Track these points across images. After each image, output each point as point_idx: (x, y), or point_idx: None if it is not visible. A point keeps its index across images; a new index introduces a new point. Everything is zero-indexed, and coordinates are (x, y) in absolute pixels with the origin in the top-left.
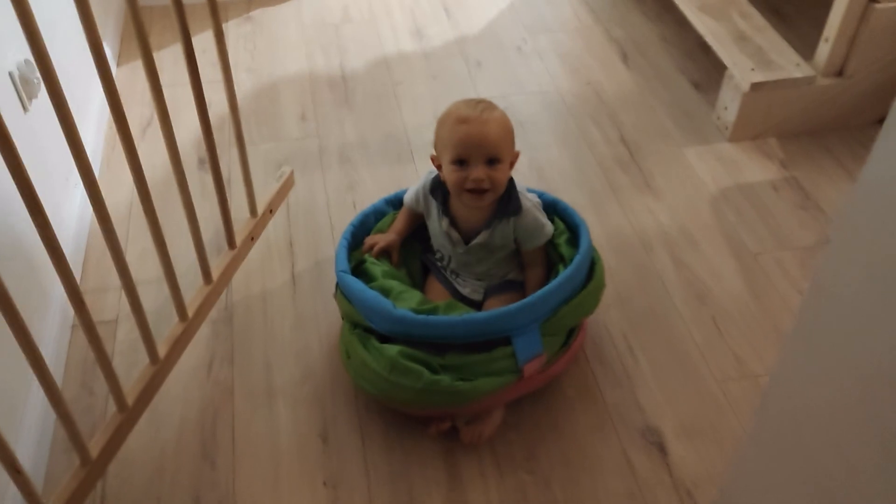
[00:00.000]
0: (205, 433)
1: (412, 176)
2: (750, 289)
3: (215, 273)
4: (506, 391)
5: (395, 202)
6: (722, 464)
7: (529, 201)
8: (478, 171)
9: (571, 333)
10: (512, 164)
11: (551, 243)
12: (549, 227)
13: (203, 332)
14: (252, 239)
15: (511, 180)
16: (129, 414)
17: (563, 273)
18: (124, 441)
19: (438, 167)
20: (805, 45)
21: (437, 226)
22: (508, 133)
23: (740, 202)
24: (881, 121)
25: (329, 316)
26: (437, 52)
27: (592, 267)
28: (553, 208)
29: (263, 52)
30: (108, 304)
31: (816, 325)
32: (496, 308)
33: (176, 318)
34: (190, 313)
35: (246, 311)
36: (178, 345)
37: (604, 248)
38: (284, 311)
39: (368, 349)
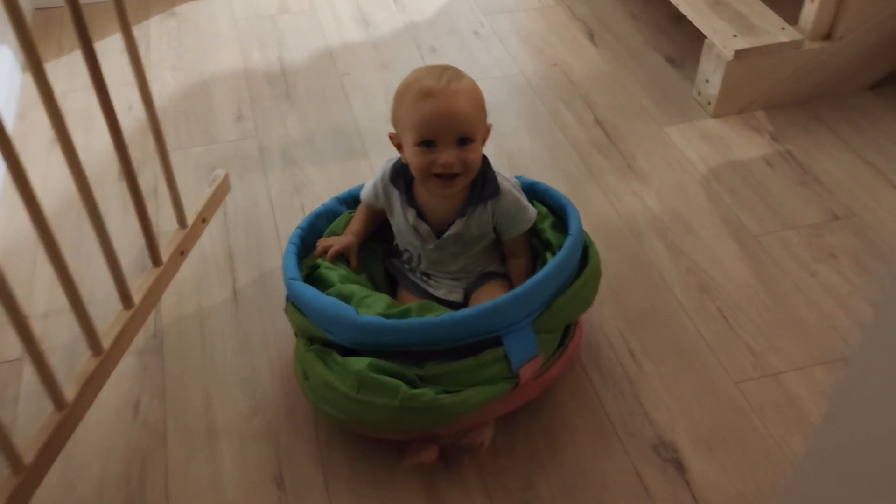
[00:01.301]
0: (131, 487)
1: (367, 172)
2: (756, 274)
3: (137, 295)
4: (499, 402)
5: (350, 201)
6: (751, 477)
7: (508, 181)
8: (447, 155)
9: (566, 331)
10: (484, 141)
11: (534, 230)
12: (532, 210)
13: (127, 364)
14: (182, 253)
15: (485, 159)
16: (29, 474)
17: (555, 259)
18: None
19: (398, 146)
20: (786, 7)
21: (401, 220)
22: (480, 105)
23: (733, 181)
24: (873, 86)
25: (280, 335)
26: (387, 39)
27: (585, 252)
28: (532, 191)
29: (191, 48)
30: (12, 340)
31: (879, 351)
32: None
33: (89, 353)
34: (106, 345)
35: (179, 336)
36: (93, 383)
37: None
38: (226, 334)
39: (330, 366)
